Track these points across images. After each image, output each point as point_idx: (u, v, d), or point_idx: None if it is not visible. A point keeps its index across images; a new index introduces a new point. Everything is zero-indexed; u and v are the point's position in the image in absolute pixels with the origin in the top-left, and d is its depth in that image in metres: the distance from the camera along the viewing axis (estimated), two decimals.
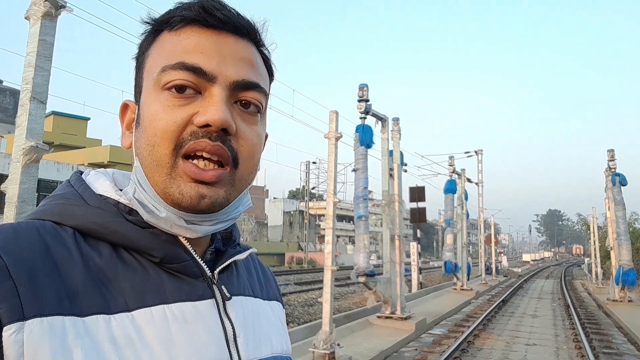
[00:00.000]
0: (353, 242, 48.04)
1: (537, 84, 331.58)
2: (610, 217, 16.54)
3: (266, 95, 0.63)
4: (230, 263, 0.66)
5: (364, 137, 9.26)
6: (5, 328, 0.46)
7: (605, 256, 23.03)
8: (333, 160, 8.03)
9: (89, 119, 33.63)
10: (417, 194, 18.74)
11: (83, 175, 0.65)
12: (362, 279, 8.65)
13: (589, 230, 28.34)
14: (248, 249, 0.71)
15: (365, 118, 9.36)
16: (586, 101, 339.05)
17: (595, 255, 24.61)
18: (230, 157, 0.58)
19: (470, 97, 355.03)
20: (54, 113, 31.62)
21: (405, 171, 11.35)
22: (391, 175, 10.17)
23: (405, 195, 15.43)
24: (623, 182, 15.15)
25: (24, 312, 0.47)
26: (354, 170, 9.48)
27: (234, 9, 0.61)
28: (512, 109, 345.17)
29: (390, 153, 10.30)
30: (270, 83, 0.67)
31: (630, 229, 19.06)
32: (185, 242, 0.62)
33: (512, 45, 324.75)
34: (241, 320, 0.63)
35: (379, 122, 10.13)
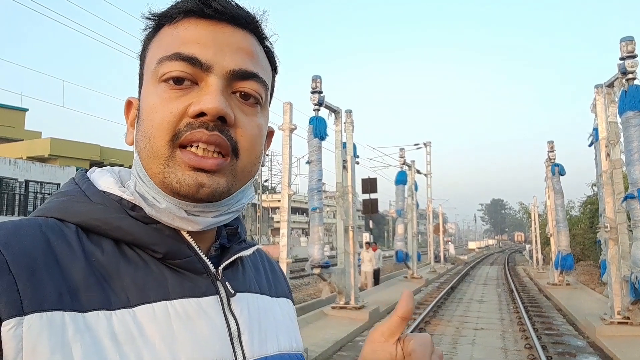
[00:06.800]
0: (306, 234, 48.24)
1: (483, 77, 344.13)
2: (550, 205, 17.46)
3: (266, 86, 0.62)
4: (235, 259, 0.65)
5: (318, 129, 9.28)
6: (4, 323, 0.45)
7: (545, 242, 24.29)
8: (287, 152, 8.01)
9: (27, 109, 31.73)
10: (370, 185, 19.02)
11: (88, 173, 0.65)
12: (317, 271, 8.71)
13: (530, 217, 29.79)
14: (254, 245, 0.70)
15: (318, 110, 9.37)
16: (528, 93, 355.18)
17: (536, 241, 25.90)
18: (229, 147, 0.57)
19: (421, 90, 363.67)
20: None
21: (358, 163, 11.47)
22: (345, 167, 10.26)
23: (358, 187, 15.63)
24: (562, 172, 16.03)
25: (23, 307, 0.46)
26: (307, 162, 9.49)
27: (233, 0, 0.61)
28: (459, 100, 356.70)
29: (344, 145, 10.38)
30: (273, 76, 0.67)
31: (568, 216, 20.15)
32: (189, 237, 0.61)
33: (460, 37, 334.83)
34: (246, 317, 0.63)
35: (332, 114, 10.17)
